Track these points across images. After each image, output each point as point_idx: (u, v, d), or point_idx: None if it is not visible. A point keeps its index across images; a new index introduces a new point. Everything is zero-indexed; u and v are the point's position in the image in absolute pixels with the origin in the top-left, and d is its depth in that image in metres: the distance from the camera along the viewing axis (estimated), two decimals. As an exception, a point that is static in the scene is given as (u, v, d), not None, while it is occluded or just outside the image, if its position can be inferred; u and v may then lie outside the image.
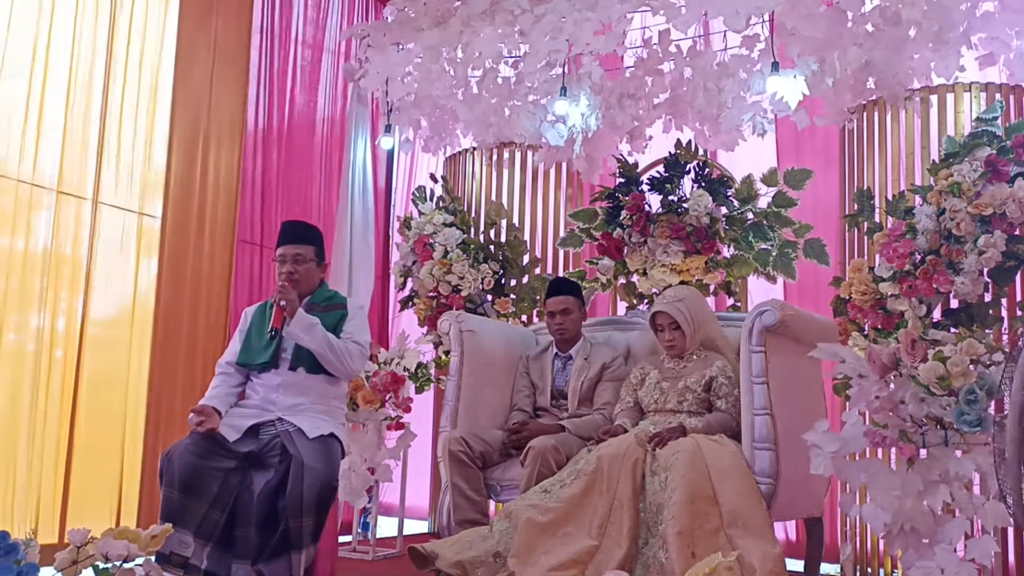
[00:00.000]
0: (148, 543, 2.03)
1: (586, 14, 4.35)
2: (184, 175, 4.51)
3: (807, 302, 4.58)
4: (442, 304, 4.91)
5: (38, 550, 1.84)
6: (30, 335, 3.88)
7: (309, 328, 2.91)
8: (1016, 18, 3.76)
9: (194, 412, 2.84)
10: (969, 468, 2.55)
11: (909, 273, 3.74)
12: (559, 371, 3.66)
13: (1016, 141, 3.67)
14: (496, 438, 3.45)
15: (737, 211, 4.32)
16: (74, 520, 3.91)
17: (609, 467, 2.93)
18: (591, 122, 4.74)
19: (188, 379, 4.42)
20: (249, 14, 4.90)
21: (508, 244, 5.01)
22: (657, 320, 3.35)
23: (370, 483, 4.15)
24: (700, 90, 4.43)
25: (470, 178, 5.31)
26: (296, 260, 3.05)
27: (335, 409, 3.06)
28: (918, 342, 2.62)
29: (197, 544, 2.67)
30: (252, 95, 4.93)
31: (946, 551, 2.55)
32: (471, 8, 4.70)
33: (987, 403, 2.54)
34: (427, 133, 5.26)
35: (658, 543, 2.76)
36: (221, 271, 4.66)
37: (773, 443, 2.97)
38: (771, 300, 3.16)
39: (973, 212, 3.62)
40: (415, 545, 2.83)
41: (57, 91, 4.04)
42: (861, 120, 4.25)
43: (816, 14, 3.86)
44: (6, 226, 3.83)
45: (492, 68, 4.77)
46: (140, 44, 4.40)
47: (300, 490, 2.66)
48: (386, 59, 5.04)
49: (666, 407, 3.26)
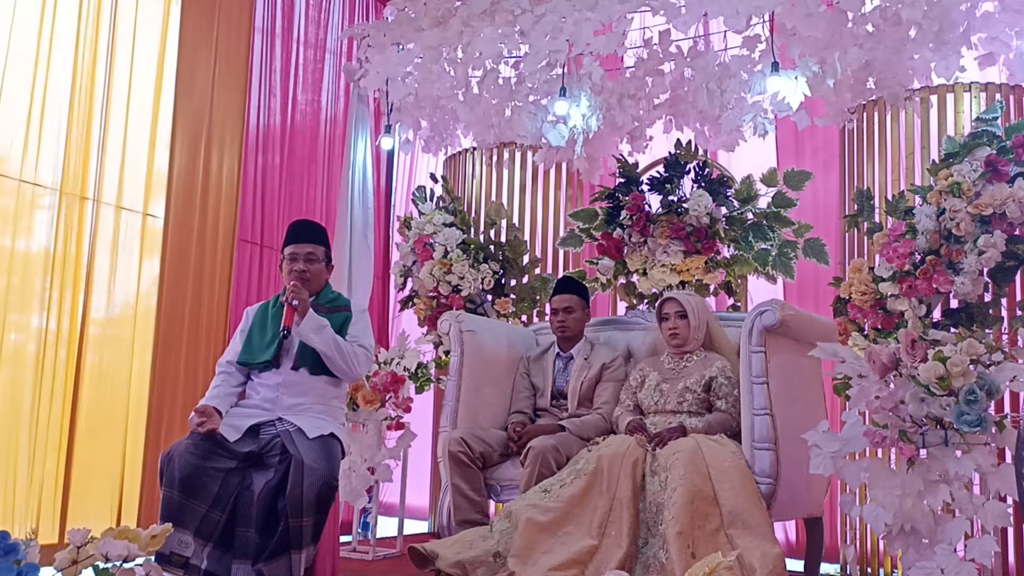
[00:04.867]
0: (148, 543, 2.03)
1: (586, 14, 4.35)
2: (186, 175, 4.51)
3: (807, 302, 4.59)
4: (442, 304, 4.92)
5: (38, 550, 1.83)
6: (31, 335, 3.88)
7: (319, 329, 2.91)
8: (1016, 18, 3.76)
9: (195, 412, 2.84)
10: (969, 468, 2.55)
11: (909, 273, 3.74)
12: (560, 371, 3.66)
13: (1016, 141, 3.67)
14: (496, 438, 3.45)
15: (737, 211, 4.32)
16: (74, 520, 3.91)
17: (609, 467, 2.93)
18: (592, 122, 4.74)
19: (189, 379, 4.42)
20: (250, 14, 4.90)
21: (508, 244, 5.01)
22: (664, 308, 3.39)
23: (370, 483, 4.15)
24: (701, 90, 4.43)
25: (470, 178, 5.31)
26: (308, 259, 3.04)
27: (335, 409, 3.05)
28: (918, 342, 2.62)
29: (197, 544, 2.67)
30: (253, 95, 4.93)
31: (946, 551, 2.55)
32: (471, 8, 4.69)
33: (987, 403, 2.54)
34: (427, 133, 5.26)
35: (658, 543, 2.76)
36: (222, 271, 4.67)
37: (773, 443, 2.98)
38: (771, 300, 3.16)
39: (973, 212, 3.62)
40: (415, 545, 2.84)
41: (59, 91, 4.04)
42: (861, 120, 4.25)
43: (816, 14, 3.86)
44: (7, 226, 3.83)
45: (492, 68, 4.77)
46: (142, 44, 4.41)
47: (300, 490, 2.66)
48: (386, 59, 5.05)
49: (666, 408, 3.27)
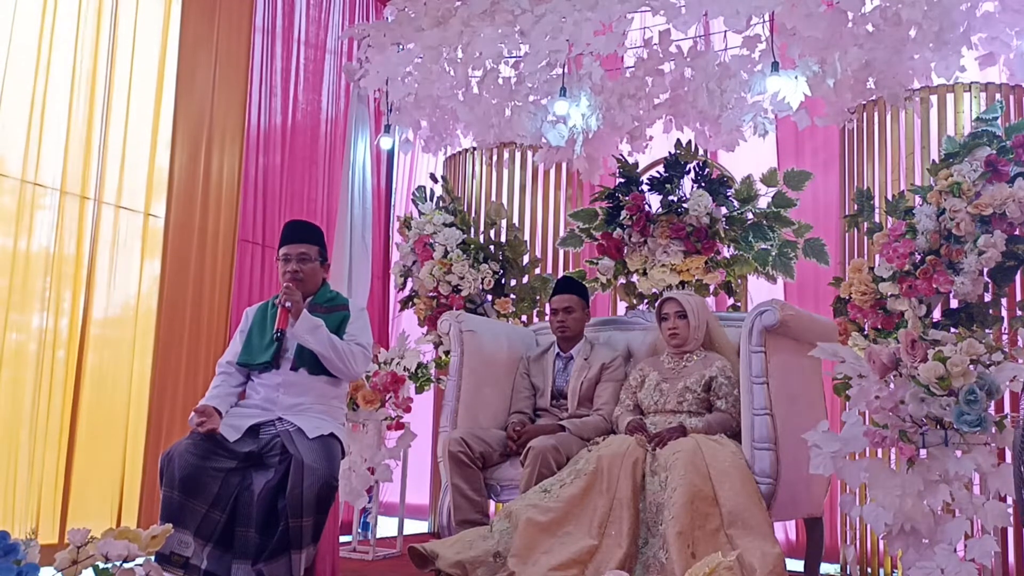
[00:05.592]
0: (148, 543, 2.03)
1: (586, 14, 4.35)
2: (186, 175, 4.51)
3: (807, 302, 4.59)
4: (442, 304, 4.92)
5: (38, 550, 1.83)
6: (32, 335, 3.88)
7: (314, 329, 2.91)
8: (1016, 18, 3.76)
9: (195, 412, 2.84)
10: (969, 468, 2.55)
11: (909, 273, 3.74)
12: (560, 371, 3.66)
13: (1016, 141, 3.67)
14: (496, 438, 3.45)
15: (737, 211, 4.32)
16: (74, 520, 3.91)
17: (609, 467, 2.93)
18: (591, 122, 4.74)
19: (189, 379, 4.42)
20: (251, 14, 4.91)
21: (508, 244, 5.01)
22: (664, 308, 3.40)
23: (370, 483, 4.15)
24: (701, 90, 4.43)
25: (470, 178, 5.31)
26: (301, 259, 3.04)
27: (335, 409, 3.05)
28: (918, 342, 2.62)
29: (197, 544, 2.68)
30: (254, 95, 4.94)
31: (946, 551, 2.55)
32: (471, 8, 4.69)
33: (987, 403, 2.54)
34: (427, 133, 5.26)
35: (658, 543, 2.76)
36: (223, 271, 4.67)
37: (773, 443, 2.98)
38: (771, 300, 3.16)
39: (973, 212, 3.62)
40: (415, 545, 2.84)
41: (60, 91, 4.04)
42: (861, 120, 4.25)
43: (816, 14, 3.86)
44: (8, 226, 3.83)
45: (492, 68, 4.77)
46: (143, 44, 4.41)
47: (300, 490, 2.66)
48: (386, 59, 5.04)
49: (666, 408, 3.27)
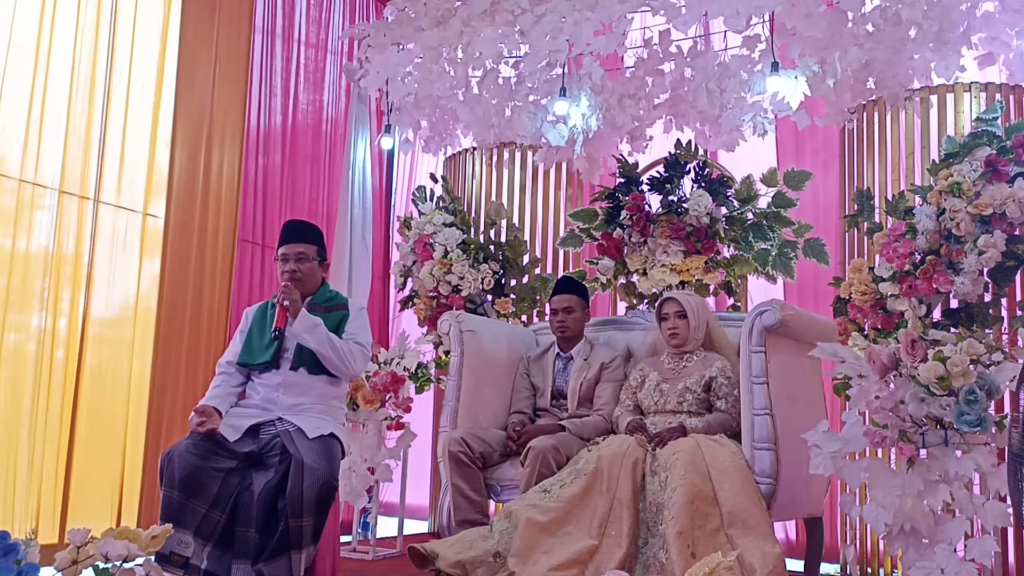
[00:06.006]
0: (148, 543, 2.03)
1: (586, 14, 4.35)
2: (186, 174, 4.51)
3: (807, 302, 4.59)
4: (442, 304, 4.92)
5: (38, 550, 1.84)
6: (31, 335, 3.88)
7: (312, 328, 2.91)
8: (1016, 18, 3.76)
9: (195, 412, 2.84)
10: (969, 468, 2.55)
11: (909, 273, 3.74)
12: (560, 371, 3.66)
13: (1016, 141, 3.67)
14: (496, 438, 3.45)
15: (737, 211, 4.32)
16: (74, 520, 3.91)
17: (609, 467, 2.93)
18: (591, 122, 4.74)
19: (189, 379, 4.42)
20: (251, 14, 4.90)
21: (508, 244, 5.01)
22: (664, 308, 3.40)
23: (370, 483, 4.15)
24: (701, 90, 4.43)
25: (470, 178, 5.31)
26: (299, 259, 3.05)
27: (335, 409, 3.06)
28: (918, 342, 2.62)
29: (197, 544, 2.68)
30: (254, 95, 4.93)
31: (946, 551, 2.55)
32: (471, 8, 4.69)
33: (987, 403, 2.54)
34: (427, 133, 5.26)
35: (658, 543, 2.76)
36: (223, 271, 4.67)
37: (773, 443, 2.98)
38: (771, 300, 3.16)
39: (973, 212, 3.62)
40: (415, 545, 2.84)
41: (59, 90, 4.04)
42: (861, 120, 4.25)
43: (816, 14, 3.86)
44: (7, 225, 3.83)
45: (492, 68, 4.77)
46: (142, 44, 4.41)
47: (300, 490, 2.66)
48: (386, 59, 5.04)
49: (666, 408, 3.27)
